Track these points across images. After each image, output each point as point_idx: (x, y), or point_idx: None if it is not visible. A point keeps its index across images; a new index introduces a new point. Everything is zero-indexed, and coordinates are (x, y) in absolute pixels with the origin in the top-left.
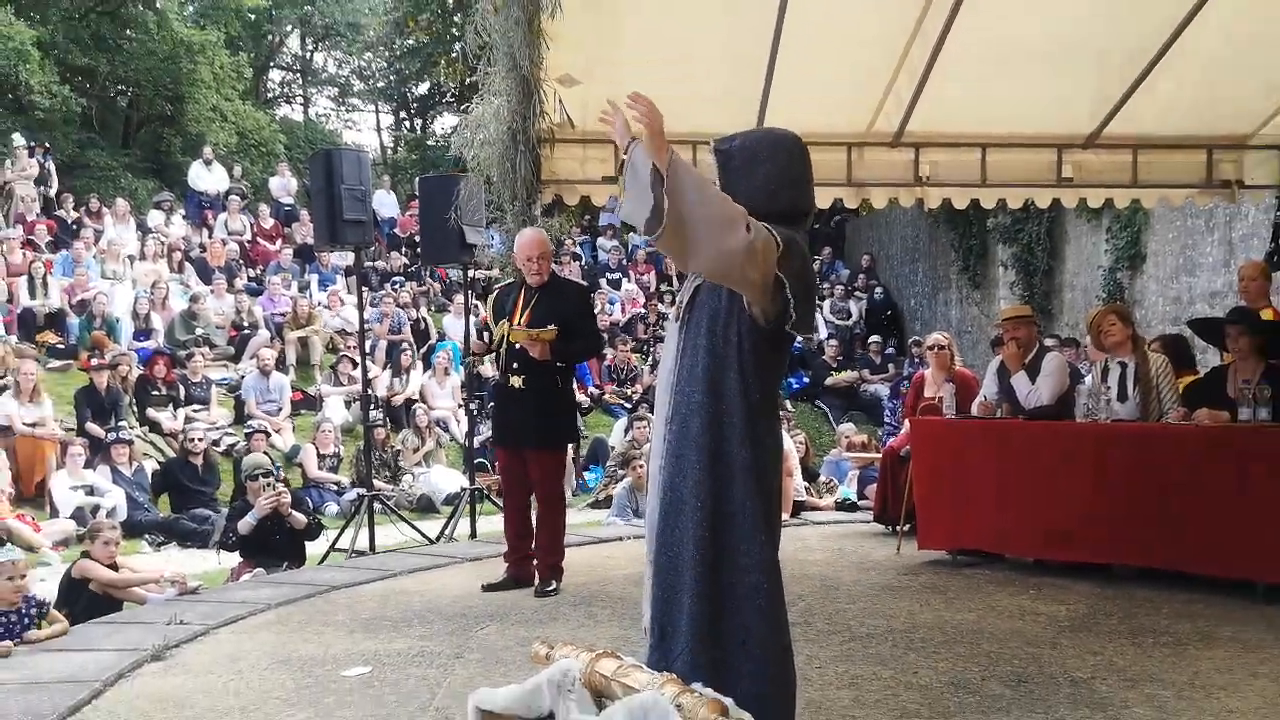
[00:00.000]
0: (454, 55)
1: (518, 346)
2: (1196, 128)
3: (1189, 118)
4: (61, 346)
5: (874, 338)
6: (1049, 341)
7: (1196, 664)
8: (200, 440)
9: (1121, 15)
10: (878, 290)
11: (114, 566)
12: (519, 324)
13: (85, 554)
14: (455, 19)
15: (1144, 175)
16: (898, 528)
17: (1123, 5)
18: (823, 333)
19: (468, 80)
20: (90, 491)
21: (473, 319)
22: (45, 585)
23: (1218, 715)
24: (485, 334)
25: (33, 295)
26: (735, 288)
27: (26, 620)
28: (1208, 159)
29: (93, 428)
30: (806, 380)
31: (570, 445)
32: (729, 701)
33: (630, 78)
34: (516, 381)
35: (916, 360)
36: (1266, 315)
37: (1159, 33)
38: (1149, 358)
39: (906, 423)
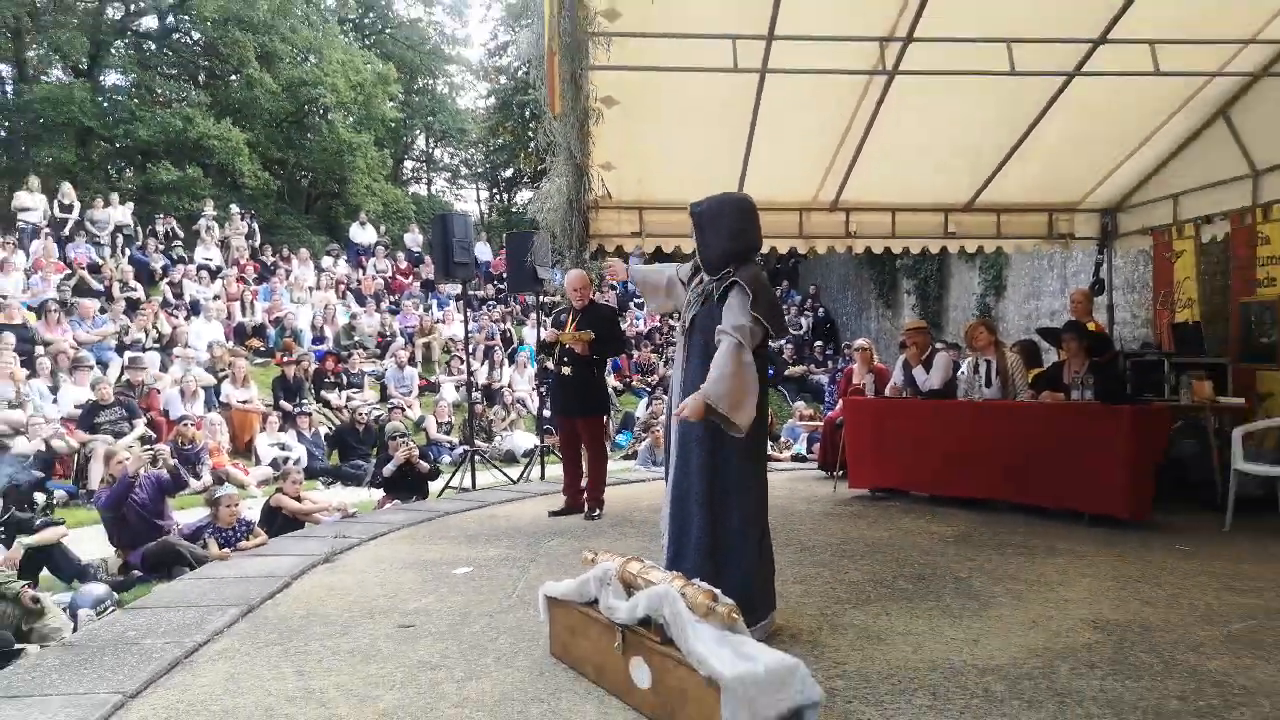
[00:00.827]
0: (530, 149)
1: (568, 346)
2: (1041, 197)
3: (1036, 190)
4: (263, 349)
5: (818, 343)
6: (938, 345)
7: (1043, 568)
8: (358, 413)
9: (990, 120)
10: (820, 310)
11: (298, 499)
12: (568, 331)
13: (278, 490)
14: (531, 126)
15: (1005, 230)
16: (834, 473)
17: (988, 116)
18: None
19: (539, 167)
20: (282, 447)
21: (542, 330)
22: (251, 512)
23: (1057, 604)
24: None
25: (244, 314)
26: None
27: (239, 535)
28: (1049, 219)
29: (284, 404)
30: (772, 372)
31: (606, 415)
32: (718, 591)
33: (650, 163)
34: (567, 371)
35: (847, 358)
36: (1091, 326)
37: (1013, 134)
38: (1006, 356)
39: (840, 401)
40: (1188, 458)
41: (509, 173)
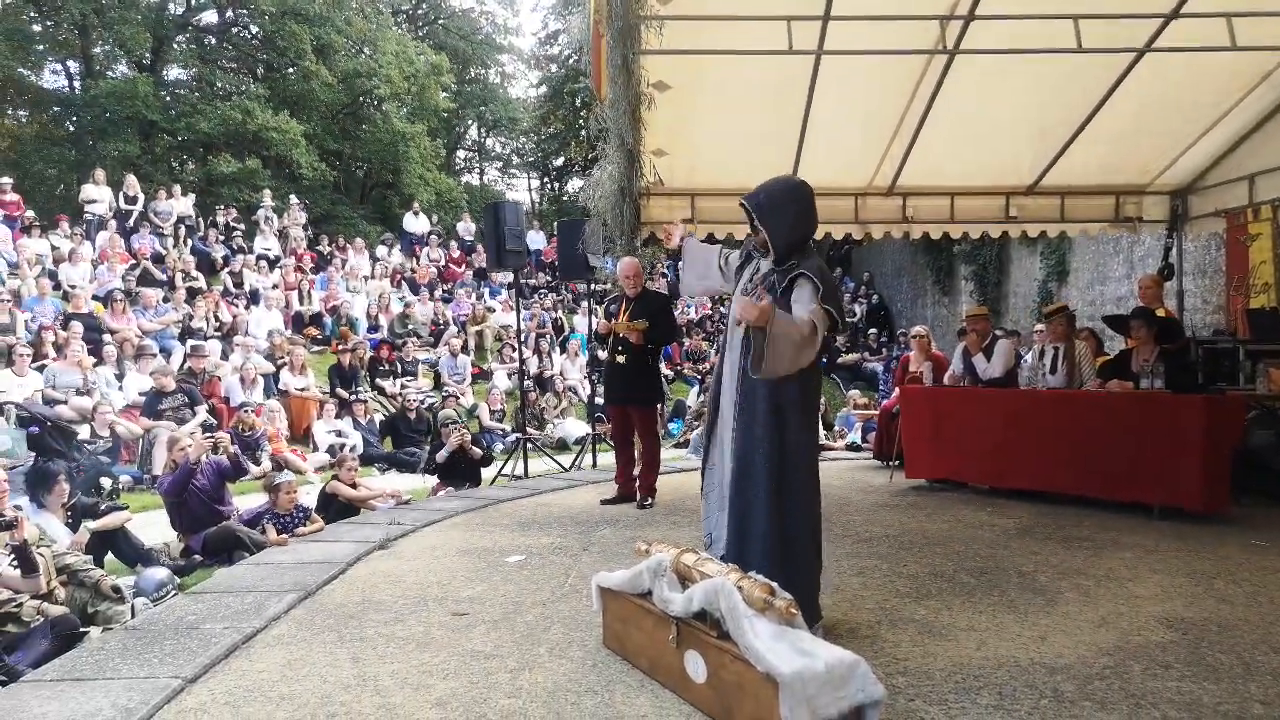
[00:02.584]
0: (581, 138)
1: (621, 335)
2: (1108, 179)
3: (1102, 172)
4: (320, 337)
5: (872, 330)
6: (998, 333)
7: (1111, 562)
8: (412, 400)
9: (1052, 102)
10: (875, 297)
11: (353, 485)
12: (622, 320)
13: (335, 477)
14: (582, 114)
15: (1069, 214)
16: (890, 463)
17: (1053, 95)
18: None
19: (590, 155)
20: (339, 434)
21: (594, 318)
22: (308, 498)
23: (1126, 599)
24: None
25: (301, 303)
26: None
27: (296, 521)
28: (1116, 202)
29: (340, 392)
30: (825, 361)
31: (659, 403)
32: (775, 585)
33: (701, 150)
34: (620, 359)
35: (903, 345)
36: (1160, 313)
37: (1080, 113)
38: (1074, 344)
39: (896, 390)
40: (1264, 448)
41: (560, 161)
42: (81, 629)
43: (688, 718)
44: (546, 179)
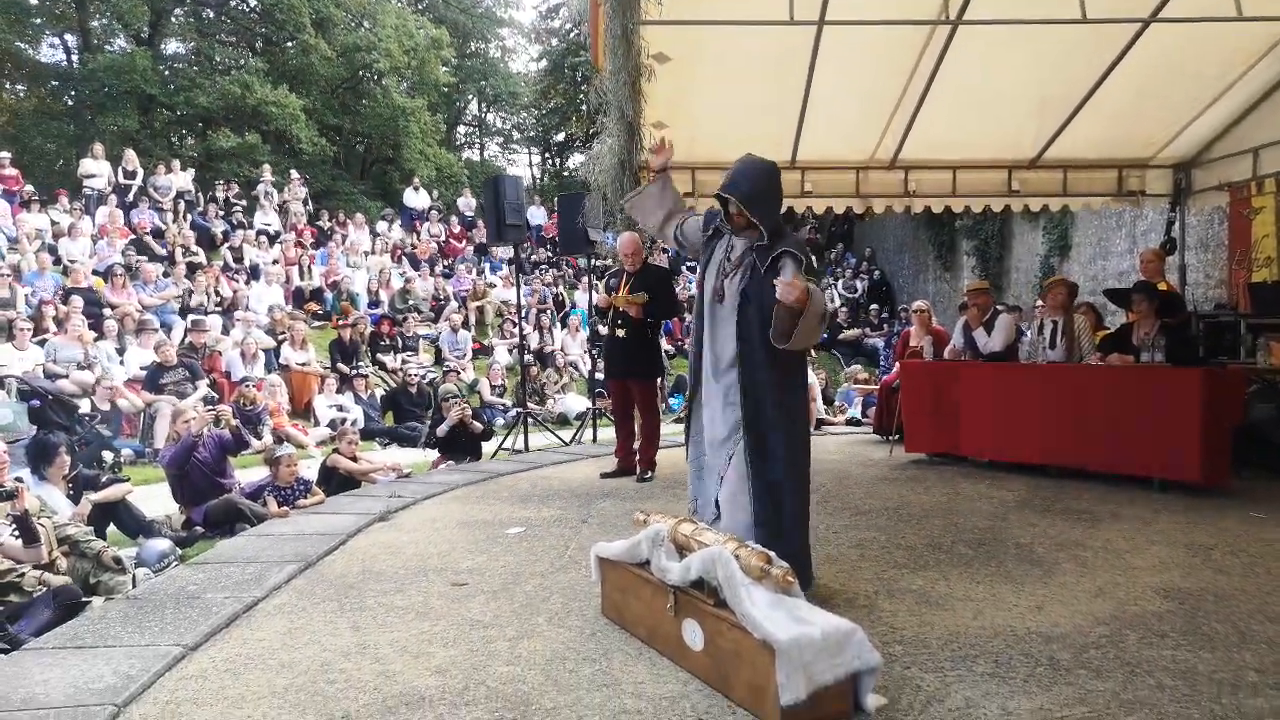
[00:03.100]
0: (582, 112)
1: (621, 309)
2: (1111, 153)
3: (1105, 146)
4: (320, 312)
5: (874, 306)
6: (1000, 307)
7: (1108, 534)
8: (413, 376)
9: (1055, 74)
10: (876, 273)
11: (354, 458)
12: (622, 294)
13: (335, 450)
14: (582, 88)
15: (1072, 188)
16: (890, 437)
17: (1056, 67)
18: (837, 302)
19: (591, 130)
20: (340, 409)
21: (594, 293)
22: (309, 470)
23: (1123, 570)
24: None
25: (302, 278)
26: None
27: (297, 493)
28: (1119, 175)
29: (341, 367)
30: (826, 336)
31: (659, 378)
32: (772, 554)
33: (701, 122)
34: (620, 333)
35: (904, 321)
36: (1162, 287)
37: (1083, 86)
38: (1073, 317)
39: (897, 364)
40: (1265, 422)
41: (561, 136)
42: (83, 599)
43: (685, 684)
44: (547, 154)
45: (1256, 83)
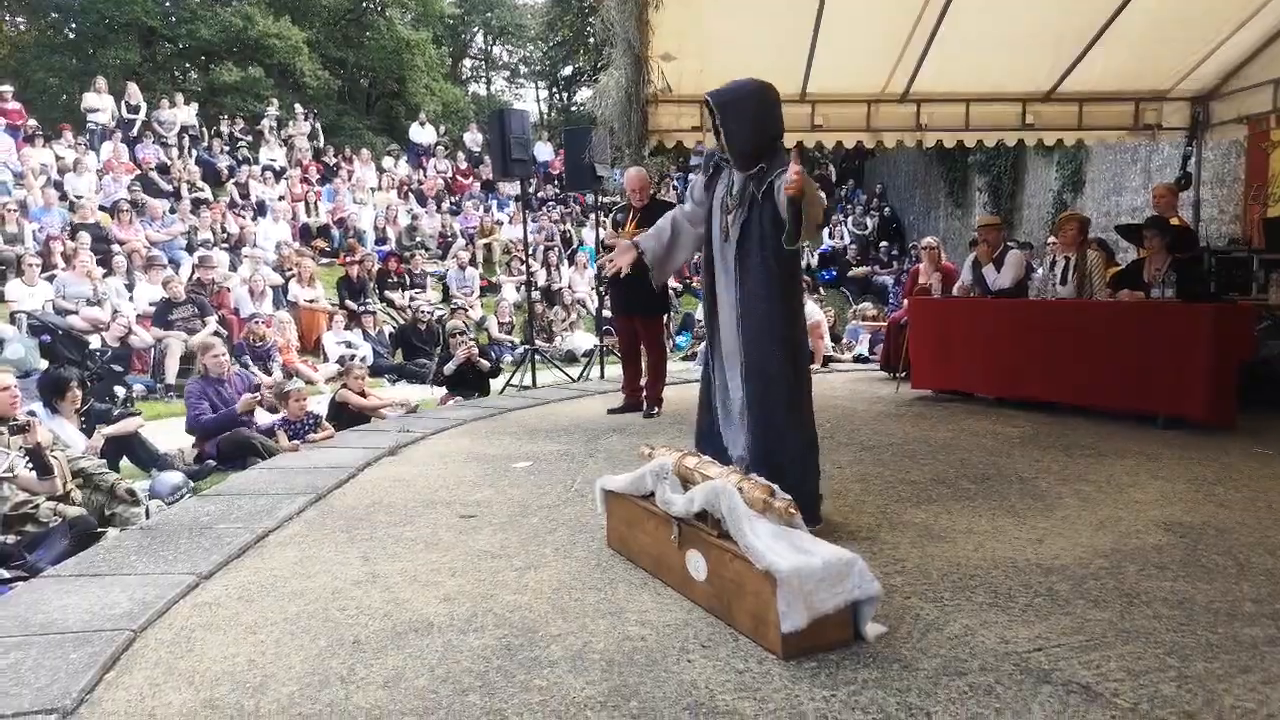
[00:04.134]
0: (590, 45)
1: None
2: (1127, 85)
3: (1121, 78)
4: (328, 249)
5: (884, 243)
6: (1011, 244)
7: (1112, 469)
8: (423, 313)
9: (1073, 3)
10: (887, 209)
11: (363, 394)
12: (629, 230)
13: (344, 386)
14: (590, 20)
15: (1087, 121)
16: (897, 374)
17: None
18: (847, 239)
19: (599, 63)
20: (348, 345)
21: (601, 230)
22: (319, 406)
23: (1125, 504)
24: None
25: (309, 214)
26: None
27: (307, 428)
28: (1135, 108)
29: (349, 304)
30: (834, 274)
31: (665, 315)
32: (775, 487)
33: (711, 54)
34: (627, 270)
35: (914, 258)
36: (1175, 223)
37: (1099, 17)
38: (1085, 253)
39: (905, 302)
40: (1275, 358)
41: (568, 70)
42: (99, 529)
43: (688, 613)
44: (555, 89)
45: (1279, 11)
